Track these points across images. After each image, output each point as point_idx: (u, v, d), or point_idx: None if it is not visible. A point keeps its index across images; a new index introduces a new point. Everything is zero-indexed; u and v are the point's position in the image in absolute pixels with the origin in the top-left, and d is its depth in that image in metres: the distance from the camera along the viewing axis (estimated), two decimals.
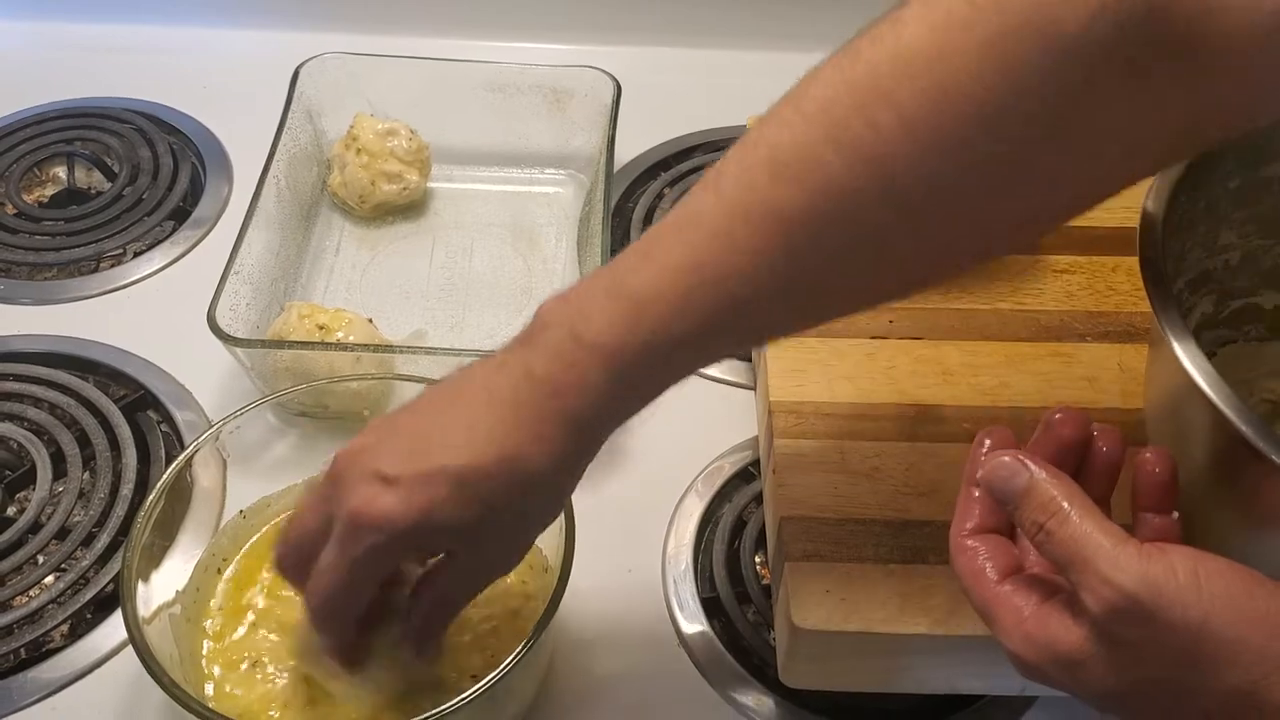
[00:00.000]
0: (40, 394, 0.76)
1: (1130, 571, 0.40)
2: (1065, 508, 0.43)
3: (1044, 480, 0.44)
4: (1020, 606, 0.44)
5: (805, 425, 0.65)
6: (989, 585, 0.45)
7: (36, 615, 0.65)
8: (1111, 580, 0.40)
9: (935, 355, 0.69)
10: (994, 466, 0.45)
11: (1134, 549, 0.41)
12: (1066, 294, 0.73)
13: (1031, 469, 0.44)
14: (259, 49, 1.04)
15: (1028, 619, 0.43)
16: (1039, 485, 0.44)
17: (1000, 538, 0.47)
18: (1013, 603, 0.44)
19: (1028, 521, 0.44)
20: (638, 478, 0.73)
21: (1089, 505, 0.43)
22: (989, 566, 0.46)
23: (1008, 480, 0.44)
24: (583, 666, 0.65)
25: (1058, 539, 0.42)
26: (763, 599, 0.67)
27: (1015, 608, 0.44)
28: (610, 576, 0.68)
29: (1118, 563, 0.40)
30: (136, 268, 0.86)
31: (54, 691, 0.63)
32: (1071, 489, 0.44)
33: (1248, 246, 0.65)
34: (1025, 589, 0.45)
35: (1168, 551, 0.41)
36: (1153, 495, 0.47)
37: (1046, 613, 0.43)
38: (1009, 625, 0.44)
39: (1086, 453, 0.48)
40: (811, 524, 0.60)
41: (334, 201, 0.90)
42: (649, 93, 0.92)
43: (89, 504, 0.71)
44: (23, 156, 0.93)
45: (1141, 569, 0.40)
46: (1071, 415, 0.48)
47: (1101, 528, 0.42)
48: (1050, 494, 0.43)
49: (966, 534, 0.47)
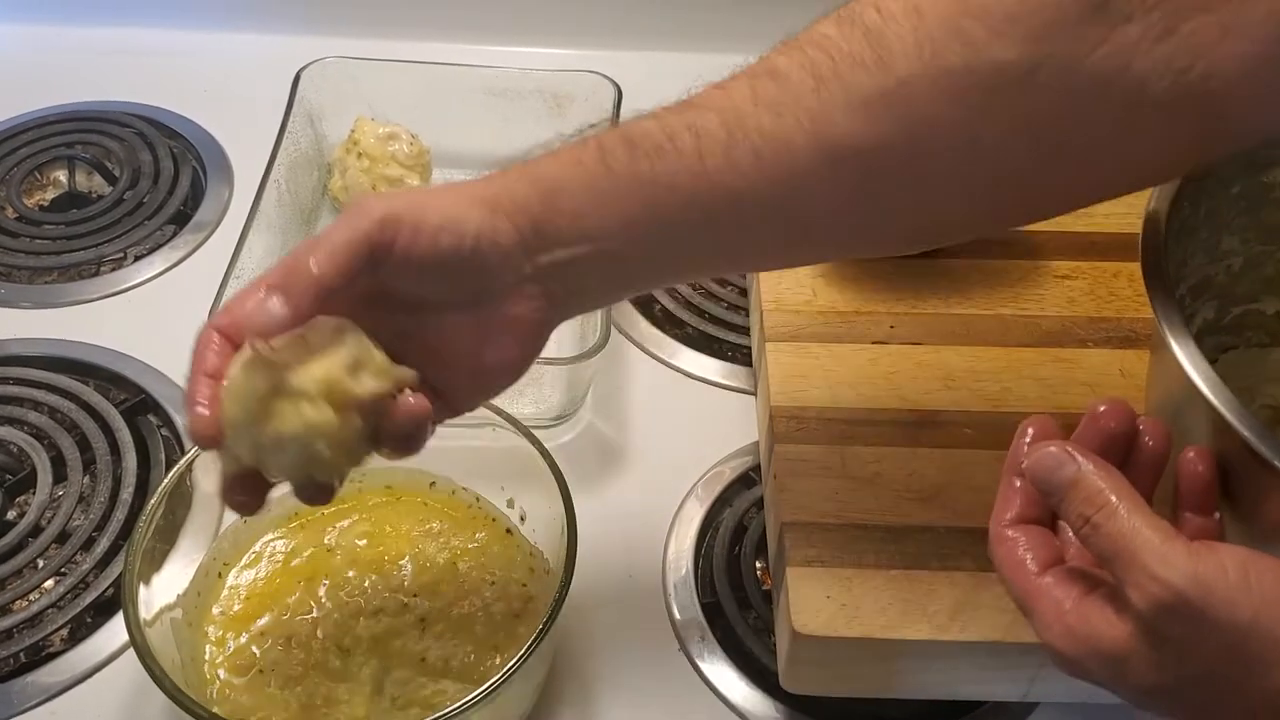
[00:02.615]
0: (41, 398, 0.76)
1: (1179, 568, 0.39)
2: (1113, 501, 0.42)
3: (1091, 472, 0.43)
4: (1061, 599, 0.43)
5: (806, 430, 0.65)
6: (1029, 576, 0.44)
7: (36, 619, 0.65)
8: (1160, 576, 0.39)
9: (937, 361, 0.70)
10: (1040, 456, 0.44)
11: (1183, 545, 0.40)
12: (1068, 299, 0.73)
13: (1079, 460, 0.43)
14: (260, 53, 1.04)
15: (1069, 612, 0.43)
16: (1086, 477, 0.43)
17: (1041, 528, 0.46)
18: (1053, 595, 0.43)
19: (1073, 514, 0.43)
20: (639, 482, 0.73)
21: (1137, 499, 0.42)
22: (1029, 558, 0.45)
23: (1053, 471, 0.44)
24: (583, 671, 0.64)
25: (1104, 532, 0.41)
26: (763, 604, 0.67)
27: (1056, 600, 0.43)
28: (611, 581, 0.68)
29: (1166, 559, 0.40)
30: (137, 271, 0.86)
31: (54, 696, 0.63)
32: (1119, 482, 0.43)
33: (1249, 252, 0.65)
34: (1066, 581, 0.44)
35: (1217, 549, 0.40)
36: (1196, 495, 0.46)
37: (1089, 606, 0.42)
38: (1049, 618, 0.43)
39: (1131, 446, 0.47)
40: (813, 529, 0.61)
41: (335, 205, 0.90)
42: (649, 97, 0.90)
43: (89, 508, 0.70)
44: (24, 160, 0.93)
45: (1191, 566, 0.39)
46: (1116, 406, 0.47)
47: (1150, 523, 0.41)
48: (1098, 486, 0.42)
49: (1006, 524, 0.46)
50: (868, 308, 0.73)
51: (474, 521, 0.66)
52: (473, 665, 0.60)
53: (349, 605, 0.62)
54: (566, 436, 0.76)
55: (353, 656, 0.60)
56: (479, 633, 0.61)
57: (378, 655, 0.60)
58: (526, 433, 0.62)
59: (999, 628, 0.56)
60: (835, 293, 0.74)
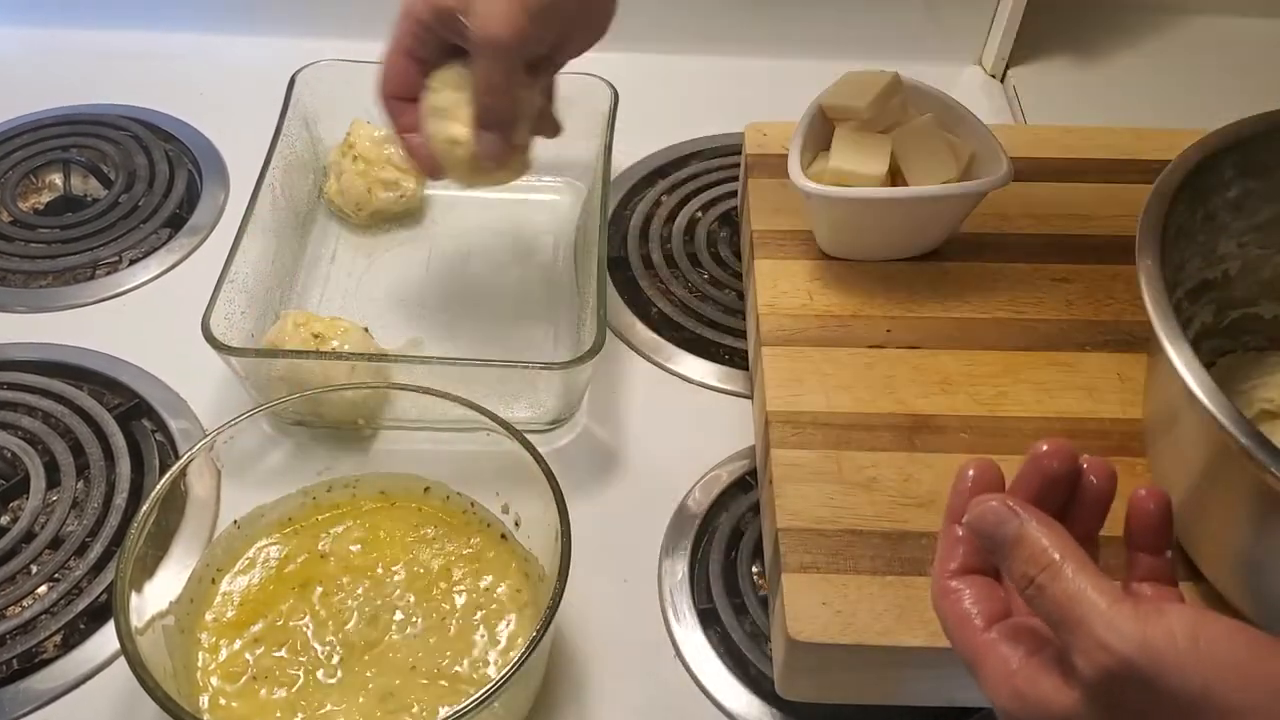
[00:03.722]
0: (34, 402, 0.76)
1: (1126, 635, 0.38)
2: (1057, 560, 0.41)
3: (1035, 529, 0.42)
4: (1008, 657, 0.42)
5: (803, 435, 0.65)
6: (975, 632, 0.43)
7: (29, 625, 0.65)
8: (1107, 645, 0.38)
9: (933, 365, 0.69)
10: (982, 512, 0.43)
11: (1129, 610, 0.39)
12: (1065, 303, 0.73)
13: (1021, 516, 0.42)
14: (255, 56, 1.04)
15: (1016, 673, 0.41)
16: (1029, 535, 0.42)
17: (986, 579, 0.45)
18: (999, 652, 0.42)
19: (1017, 573, 0.42)
20: (634, 487, 0.73)
21: (1082, 558, 0.41)
22: (975, 611, 0.44)
23: (995, 527, 0.42)
24: (579, 677, 0.64)
25: (1049, 595, 0.40)
26: (760, 610, 0.66)
27: (1003, 658, 0.42)
28: (607, 586, 0.68)
29: (1113, 625, 0.38)
30: (132, 275, 0.85)
31: (47, 702, 0.63)
32: (1064, 540, 0.41)
33: (1246, 256, 0.65)
34: (1013, 638, 0.43)
35: (1166, 613, 0.38)
36: (1147, 535, 0.45)
37: (1037, 668, 0.41)
38: (996, 677, 0.42)
39: (1075, 486, 0.46)
40: (809, 535, 0.60)
41: (330, 209, 0.89)
42: (646, 100, 0.92)
43: (82, 513, 0.70)
44: (18, 163, 0.93)
45: (1139, 632, 0.38)
46: (1058, 447, 0.45)
47: (1096, 585, 0.40)
48: (1041, 545, 0.41)
49: (950, 574, 0.45)
50: (864, 312, 0.72)
51: (468, 527, 0.66)
52: (467, 671, 0.60)
53: (343, 611, 0.62)
54: (562, 441, 0.76)
55: (347, 663, 0.60)
56: (474, 639, 0.61)
57: (372, 661, 0.60)
58: (521, 438, 0.62)
59: None
60: (831, 297, 0.73)
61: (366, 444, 0.72)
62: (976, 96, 1.05)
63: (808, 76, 0.80)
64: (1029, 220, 0.78)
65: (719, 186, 0.94)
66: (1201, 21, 1.14)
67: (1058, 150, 0.84)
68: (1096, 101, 1.05)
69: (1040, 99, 1.04)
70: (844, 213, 0.73)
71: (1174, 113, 0.97)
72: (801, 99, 0.77)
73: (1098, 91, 1.06)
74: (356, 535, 0.66)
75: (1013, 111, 1.04)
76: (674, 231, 0.90)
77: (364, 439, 0.72)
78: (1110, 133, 0.85)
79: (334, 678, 0.60)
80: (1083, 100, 1.05)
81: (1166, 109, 1.02)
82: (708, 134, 0.99)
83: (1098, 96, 1.05)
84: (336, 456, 0.68)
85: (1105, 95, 1.05)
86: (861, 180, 0.72)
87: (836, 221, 0.74)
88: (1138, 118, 0.90)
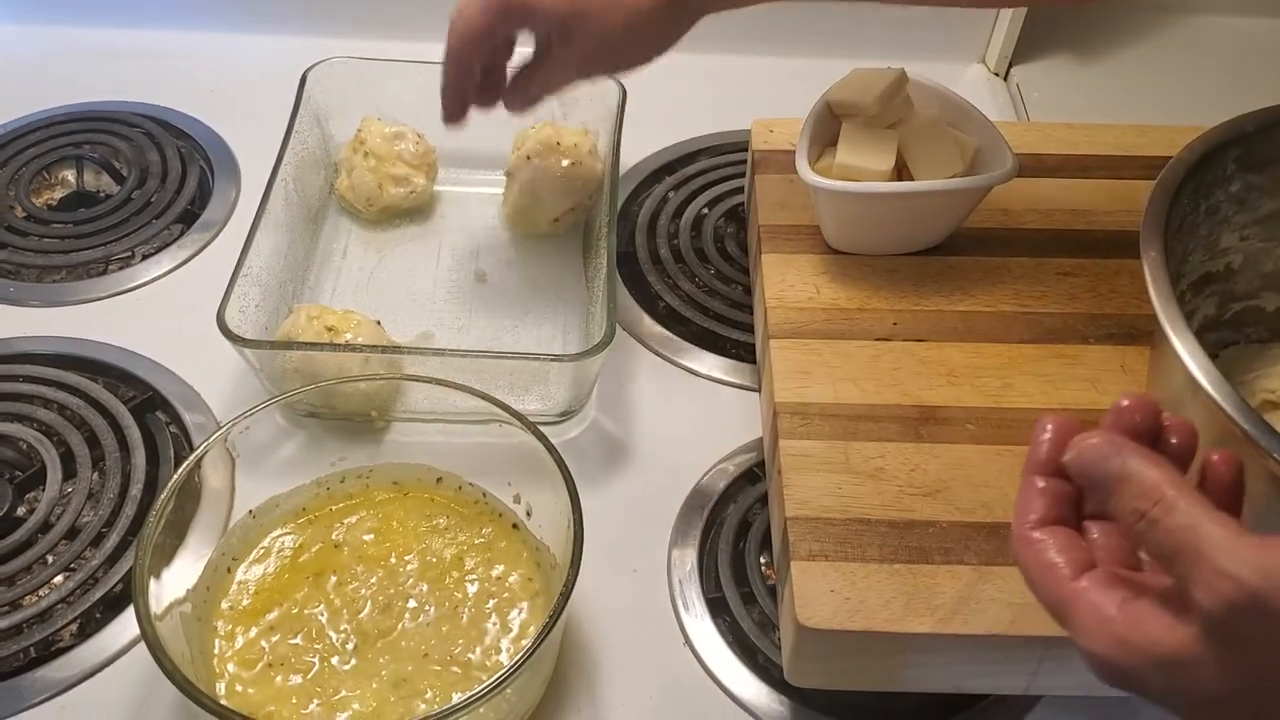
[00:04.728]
0: (50, 395, 0.76)
1: (1250, 564, 0.36)
2: (1171, 494, 0.39)
3: (1142, 464, 0.40)
4: (1102, 604, 0.40)
5: (810, 426, 0.66)
6: (1063, 580, 0.42)
7: (46, 614, 0.66)
8: (1230, 573, 0.36)
9: (939, 357, 0.70)
10: (1084, 449, 0.41)
11: (1251, 540, 0.37)
12: (1069, 296, 0.74)
13: (1126, 451, 0.41)
14: (267, 53, 1.04)
15: (1115, 619, 0.40)
16: (1137, 469, 0.40)
17: (1068, 530, 0.43)
18: (1092, 599, 0.40)
19: (1126, 509, 0.40)
20: (644, 478, 0.74)
21: (1194, 493, 0.39)
22: (1061, 561, 0.42)
23: (1099, 464, 0.41)
24: (589, 665, 0.65)
25: (1163, 528, 0.38)
26: (768, 599, 0.67)
27: (1096, 604, 0.40)
28: (616, 576, 0.68)
29: (1235, 553, 0.37)
30: (145, 270, 0.86)
31: (63, 690, 0.63)
32: (1173, 474, 0.40)
33: (1249, 249, 0.66)
34: (1105, 586, 0.41)
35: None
36: (1224, 498, 0.43)
37: (1139, 612, 0.39)
38: (1091, 624, 0.40)
39: (1155, 444, 0.44)
40: (817, 524, 0.61)
41: (341, 204, 0.90)
42: (654, 97, 0.92)
43: (98, 504, 0.71)
44: (32, 160, 0.94)
45: (1261, 561, 0.36)
46: (1141, 401, 0.44)
47: (1213, 517, 0.38)
48: (1152, 478, 0.39)
49: (1032, 525, 0.43)
50: (870, 305, 0.73)
51: (480, 517, 0.67)
52: (480, 659, 0.60)
53: (357, 600, 0.63)
54: (572, 432, 0.76)
55: (360, 650, 0.61)
56: (486, 627, 0.62)
57: (385, 649, 0.61)
58: (533, 429, 0.63)
59: (1001, 621, 0.57)
60: (838, 290, 0.74)
61: (379, 435, 0.73)
62: (980, 94, 1.06)
63: (814, 74, 0.81)
64: (1033, 215, 0.79)
65: (726, 183, 0.94)
66: (1202, 21, 1.15)
67: (1061, 147, 0.85)
68: (1098, 99, 1.05)
69: (1043, 97, 1.05)
70: (851, 207, 0.74)
71: (1175, 110, 0.98)
72: (808, 96, 0.78)
73: (1100, 90, 1.07)
74: (370, 525, 0.66)
75: (1016, 109, 1.05)
76: (681, 227, 0.91)
77: (377, 430, 0.73)
78: (1113, 130, 0.86)
79: (348, 664, 0.60)
80: (1085, 98, 1.06)
81: (1168, 107, 1.03)
82: (715, 130, 0.99)
83: (1100, 94, 1.06)
84: (349, 448, 0.69)
85: (1107, 93, 1.06)
86: (868, 175, 0.73)
87: (843, 216, 0.75)
88: (1139, 115, 0.90)
